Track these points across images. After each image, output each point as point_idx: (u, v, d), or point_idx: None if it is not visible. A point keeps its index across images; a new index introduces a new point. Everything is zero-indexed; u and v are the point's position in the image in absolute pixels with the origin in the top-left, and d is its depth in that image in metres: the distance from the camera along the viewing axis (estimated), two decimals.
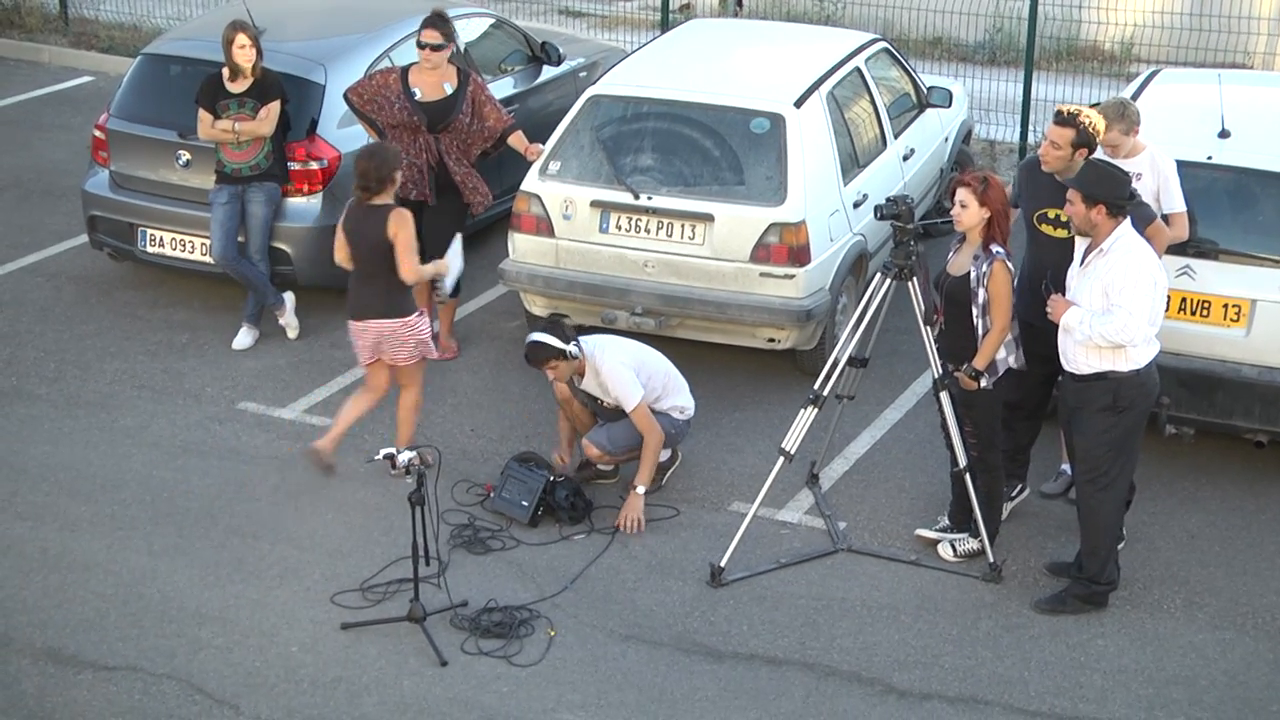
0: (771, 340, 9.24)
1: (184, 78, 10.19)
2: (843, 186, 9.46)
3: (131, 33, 15.82)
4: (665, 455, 8.48)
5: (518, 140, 9.59)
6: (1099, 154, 7.64)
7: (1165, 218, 7.90)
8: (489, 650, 7.22)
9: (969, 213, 7.39)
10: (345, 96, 9.65)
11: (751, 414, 9.21)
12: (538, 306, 9.61)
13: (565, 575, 7.77)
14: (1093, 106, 7.92)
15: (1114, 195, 7.04)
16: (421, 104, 9.42)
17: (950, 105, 11.00)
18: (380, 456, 7.55)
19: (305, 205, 9.98)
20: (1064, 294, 7.31)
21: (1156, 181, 7.94)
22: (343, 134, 10.03)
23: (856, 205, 9.53)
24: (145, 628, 7.37)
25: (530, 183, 9.42)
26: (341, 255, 8.33)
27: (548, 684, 7.04)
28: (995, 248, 7.39)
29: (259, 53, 9.65)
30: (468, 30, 10.94)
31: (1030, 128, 12.79)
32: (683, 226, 9.12)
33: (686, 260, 9.12)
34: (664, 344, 8.81)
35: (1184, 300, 8.24)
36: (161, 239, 10.21)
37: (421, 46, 9.46)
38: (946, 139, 11.17)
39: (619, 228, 9.24)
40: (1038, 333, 7.53)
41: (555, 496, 8.14)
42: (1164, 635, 7.40)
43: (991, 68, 14.22)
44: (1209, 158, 8.35)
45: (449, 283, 8.70)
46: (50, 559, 7.86)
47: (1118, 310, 7.02)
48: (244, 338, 9.98)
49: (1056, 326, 7.28)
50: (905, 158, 10.32)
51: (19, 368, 9.71)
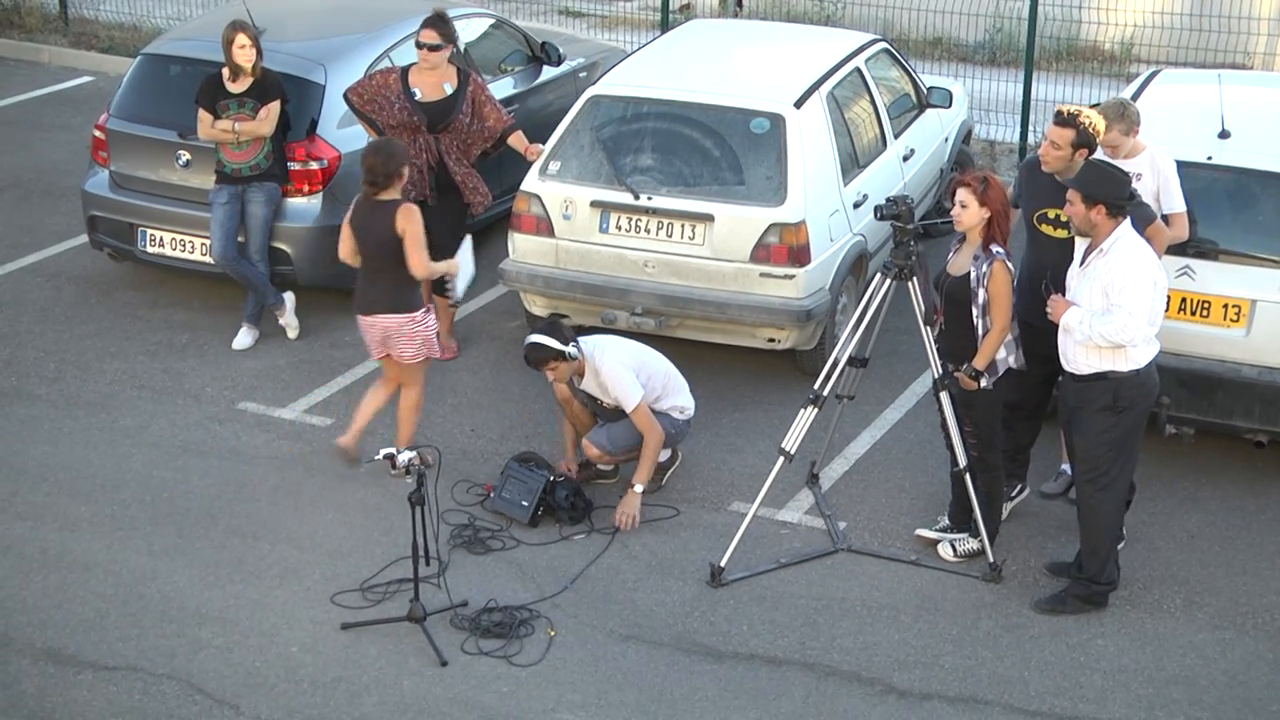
0: (771, 340, 9.24)
1: (184, 78, 10.19)
2: (843, 187, 9.46)
3: (131, 33, 15.81)
4: (665, 455, 8.48)
5: (518, 140, 9.59)
6: (1099, 154, 7.64)
7: (1165, 218, 7.90)
8: (489, 650, 7.22)
9: (969, 213, 7.39)
10: (345, 96, 9.65)
11: (751, 414, 9.21)
12: (538, 306, 9.61)
13: (565, 575, 7.77)
14: (1093, 107, 7.92)
15: (1114, 195, 7.04)
16: (421, 104, 9.42)
17: (950, 105, 10.99)
18: (380, 456, 7.56)
19: (305, 205, 9.98)
20: (1064, 294, 7.32)
21: (1156, 182, 7.94)
22: (343, 134, 10.03)
23: (856, 205, 9.52)
24: (145, 628, 7.37)
25: (530, 183, 9.42)
26: (346, 251, 8.34)
27: (548, 684, 7.04)
28: (995, 248, 7.39)
29: (259, 53, 9.66)
30: (468, 30, 10.94)
31: (1030, 128, 12.79)
32: (683, 227, 9.12)
33: (686, 260, 9.12)
34: (664, 344, 8.81)
35: (1184, 300, 8.24)
36: (161, 239, 10.21)
37: (420, 46, 9.47)
38: (946, 139, 11.17)
39: (619, 228, 9.24)
40: (1038, 333, 7.52)
41: (555, 496, 8.14)
42: (1164, 635, 7.40)
43: (991, 68, 14.21)
44: (1209, 158, 8.35)
45: (460, 285, 8.64)
46: (50, 559, 7.86)
47: (1117, 310, 7.02)
48: (244, 338, 9.98)
49: (1056, 326, 7.28)
50: (905, 158, 10.32)
51: (19, 368, 9.70)
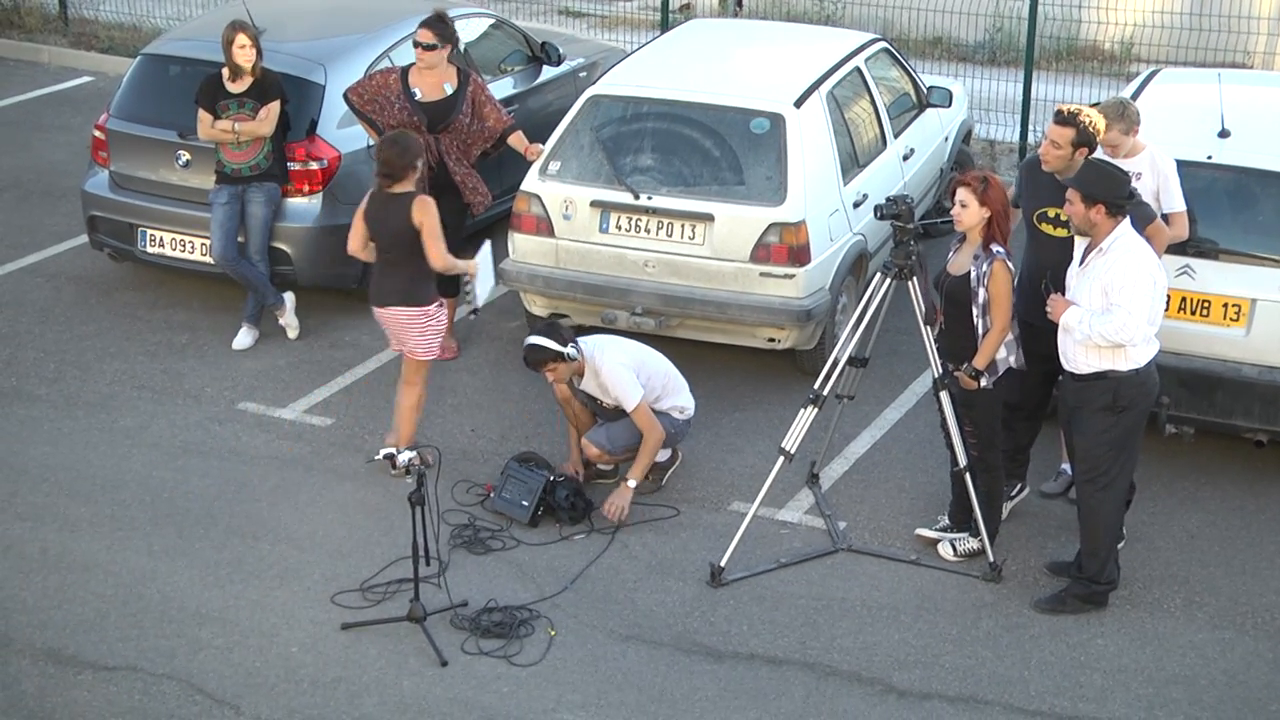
0: (771, 340, 9.24)
1: (184, 78, 10.19)
2: (843, 186, 9.46)
3: (131, 33, 15.81)
4: (665, 455, 8.48)
5: (518, 140, 9.59)
6: (1099, 154, 7.64)
7: (1165, 217, 7.90)
8: (489, 650, 7.22)
9: (969, 212, 7.39)
10: (345, 96, 9.64)
11: (751, 414, 9.21)
12: (538, 306, 9.61)
13: (565, 575, 7.76)
14: (1093, 106, 7.92)
15: (1113, 195, 7.04)
16: (421, 104, 9.42)
17: (950, 105, 10.99)
18: (380, 456, 7.57)
19: (305, 205, 9.98)
20: (1063, 293, 7.32)
21: (1156, 181, 7.93)
22: (342, 134, 10.03)
23: (856, 205, 9.52)
24: (145, 628, 7.36)
25: (530, 183, 9.42)
26: (355, 244, 8.37)
27: (548, 684, 7.04)
28: (995, 247, 7.39)
29: (259, 53, 9.66)
30: (468, 30, 10.93)
31: (1030, 127, 12.78)
32: (683, 226, 9.12)
33: (686, 260, 9.11)
34: (664, 344, 8.81)
35: (1184, 300, 8.24)
36: (161, 239, 10.21)
37: (416, 46, 9.47)
38: (946, 139, 11.17)
39: (619, 228, 9.24)
40: (1038, 332, 7.52)
41: (555, 496, 8.14)
42: (1164, 635, 7.40)
43: (991, 67, 14.21)
44: (1209, 157, 8.34)
45: (481, 293, 8.54)
46: (50, 559, 7.86)
47: (1117, 310, 7.01)
48: (244, 338, 9.98)
49: (1056, 326, 7.28)
50: (905, 157, 10.32)
51: (19, 368, 9.70)
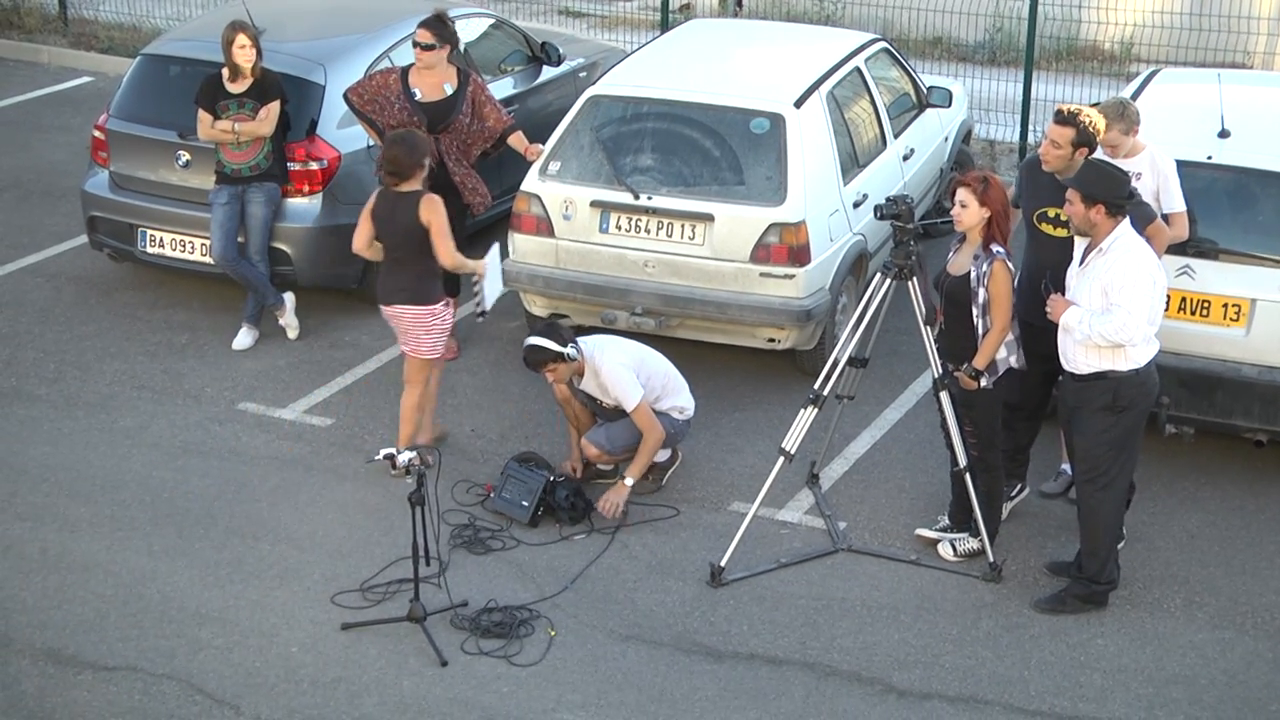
0: (771, 340, 9.23)
1: (183, 78, 10.19)
2: (843, 186, 9.45)
3: (131, 33, 15.81)
4: (665, 455, 8.48)
5: (518, 140, 9.58)
6: (1099, 154, 7.64)
7: (1165, 217, 7.90)
8: (489, 650, 7.22)
9: (969, 212, 7.39)
10: (345, 97, 9.64)
11: (751, 414, 9.21)
12: (538, 307, 9.62)
13: (565, 575, 7.76)
14: (1093, 106, 7.92)
15: (1113, 195, 7.04)
16: (421, 104, 9.41)
17: (950, 105, 10.99)
18: (380, 457, 7.56)
19: (305, 205, 9.98)
20: (1063, 293, 7.32)
21: (1156, 181, 7.93)
22: (342, 134, 10.03)
23: (856, 205, 9.52)
24: (145, 628, 7.36)
25: (530, 183, 9.42)
26: (361, 242, 8.38)
27: (548, 684, 7.04)
28: (995, 247, 7.39)
29: (259, 53, 9.66)
30: (468, 30, 10.92)
31: (1030, 127, 12.78)
32: (683, 226, 9.12)
33: (686, 260, 9.11)
34: (664, 344, 8.81)
35: (1184, 300, 8.24)
36: (161, 239, 10.21)
37: (415, 45, 9.47)
38: (946, 139, 11.17)
39: (619, 228, 9.23)
40: (1038, 332, 7.52)
41: (555, 496, 8.14)
42: (1164, 635, 7.40)
43: (991, 67, 14.21)
44: (1209, 157, 8.34)
45: (489, 297, 8.54)
46: (50, 559, 7.86)
47: (1117, 310, 7.01)
48: (244, 338, 9.98)
49: (1056, 326, 7.28)
50: (905, 157, 10.32)
51: (19, 368, 9.70)
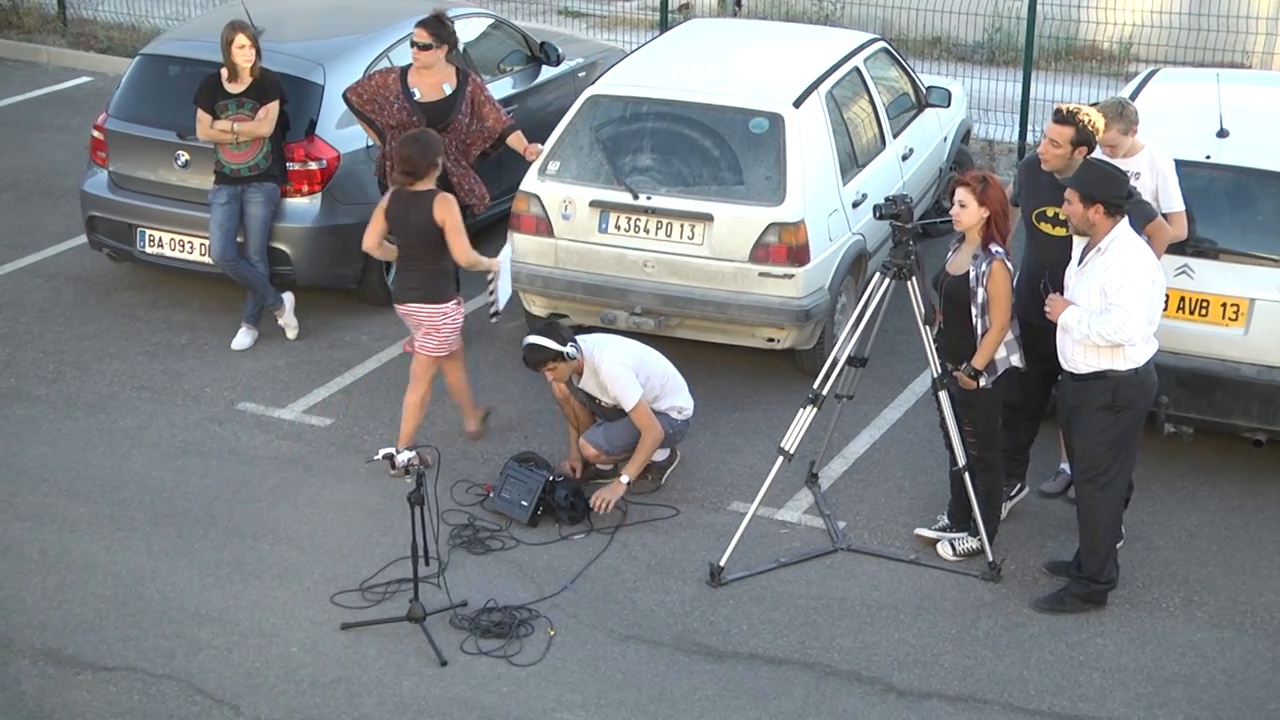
0: (771, 340, 9.24)
1: (183, 78, 10.19)
2: (842, 186, 9.46)
3: (130, 33, 15.81)
4: (664, 455, 8.48)
5: (517, 140, 9.58)
6: (1097, 153, 7.64)
7: (1164, 217, 7.90)
8: (489, 650, 7.22)
9: (968, 212, 7.39)
10: (344, 97, 9.64)
11: (751, 414, 9.21)
12: (537, 306, 9.62)
13: (565, 575, 7.77)
14: (1092, 105, 7.92)
15: (1112, 194, 7.04)
16: (420, 104, 9.42)
17: (949, 105, 11.00)
18: (380, 456, 7.57)
19: (304, 205, 9.98)
20: (1062, 293, 7.32)
21: (1155, 181, 7.93)
22: (341, 134, 10.03)
23: (855, 205, 9.52)
24: (145, 628, 7.37)
25: (529, 183, 9.42)
26: (371, 241, 8.42)
27: (547, 684, 7.04)
28: (994, 247, 7.39)
29: (258, 53, 9.66)
30: (467, 30, 10.93)
31: (1029, 127, 12.78)
32: (682, 226, 9.12)
33: (686, 260, 9.11)
34: (663, 344, 8.81)
35: (1183, 299, 8.24)
36: (160, 239, 10.21)
37: (412, 45, 9.47)
38: (945, 138, 11.17)
39: (618, 228, 9.24)
40: (1037, 332, 7.52)
41: (554, 496, 8.14)
42: (1163, 634, 7.40)
43: (990, 67, 14.21)
44: (1207, 157, 8.35)
45: (502, 295, 8.56)
46: (49, 560, 7.86)
47: (1115, 309, 7.02)
48: (243, 338, 9.98)
49: (1055, 325, 7.28)
50: (904, 157, 10.32)
51: (18, 369, 9.70)
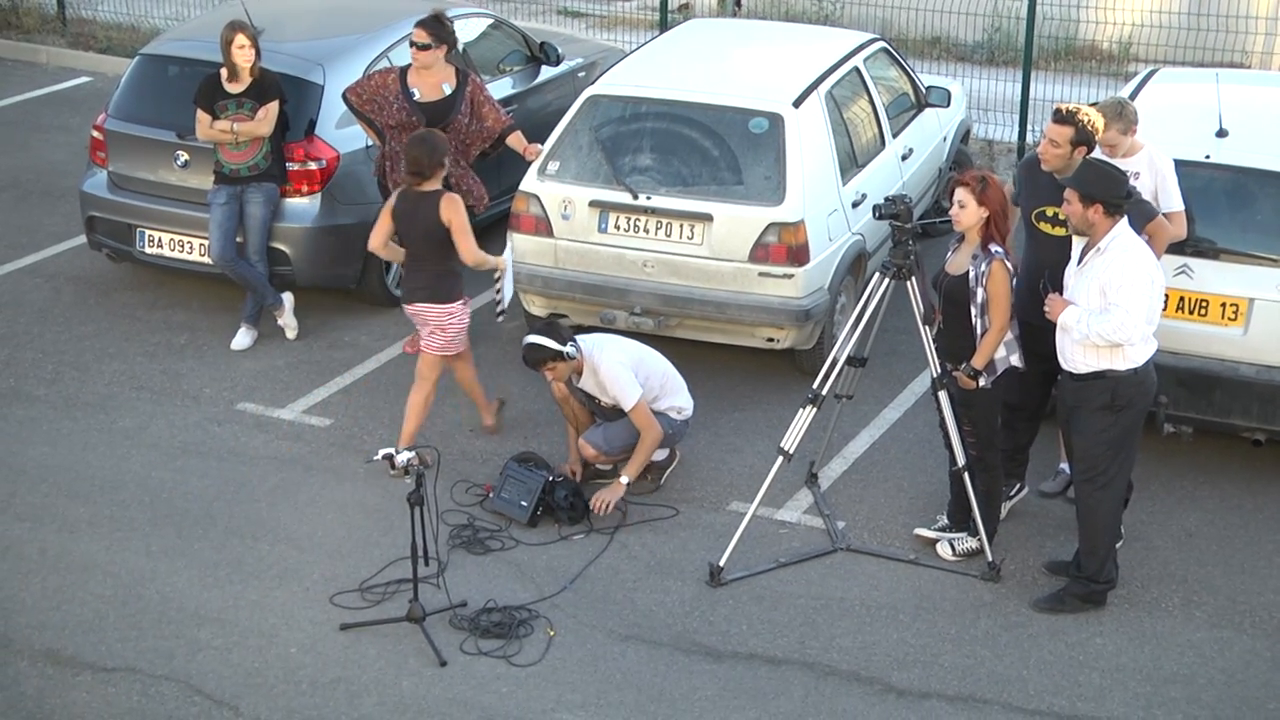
0: (770, 340, 9.24)
1: (182, 78, 10.19)
2: (841, 186, 9.46)
3: (129, 33, 15.81)
4: (663, 455, 8.48)
5: (516, 140, 9.58)
6: (1097, 153, 7.64)
7: (1163, 216, 7.90)
8: (488, 650, 7.22)
9: (967, 212, 7.39)
10: (344, 97, 9.64)
11: (750, 414, 9.21)
12: (537, 307, 9.62)
13: (564, 575, 7.77)
14: (1091, 105, 7.92)
15: (1111, 194, 7.04)
16: (420, 104, 9.42)
17: (949, 105, 11.00)
18: (379, 457, 7.57)
19: (304, 206, 9.98)
20: (1061, 293, 7.32)
21: (1154, 181, 7.93)
22: (341, 134, 10.04)
23: (855, 205, 9.53)
24: (144, 629, 7.36)
25: (529, 183, 9.42)
26: (377, 242, 8.45)
27: (547, 684, 7.04)
28: (994, 247, 7.39)
29: (257, 53, 9.66)
30: (466, 30, 10.93)
31: (1029, 127, 12.79)
32: (681, 226, 9.12)
33: (685, 260, 9.11)
34: (663, 344, 8.81)
35: (1182, 299, 8.24)
36: (160, 240, 10.21)
37: (411, 45, 9.47)
38: (945, 138, 11.17)
39: (618, 228, 9.24)
40: (1037, 332, 7.52)
41: (554, 496, 8.14)
42: (1162, 634, 7.40)
43: (990, 67, 14.22)
44: (1207, 157, 8.35)
45: (507, 294, 8.60)
46: (49, 560, 7.86)
47: (1115, 309, 7.02)
48: (243, 338, 9.98)
49: (1055, 325, 7.28)
50: (904, 157, 10.32)
51: (17, 369, 9.70)
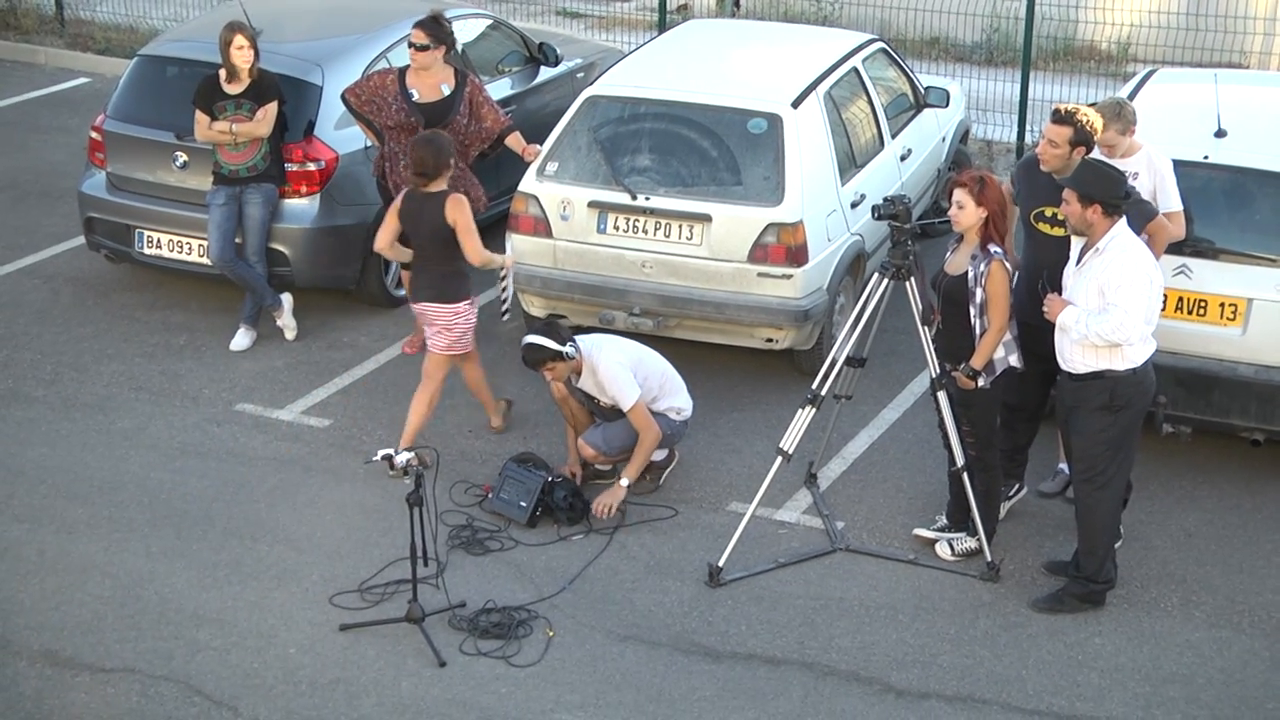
0: (769, 340, 9.24)
1: (181, 79, 10.19)
2: (840, 186, 9.46)
3: (128, 34, 15.81)
4: (662, 455, 8.48)
5: (515, 141, 9.58)
6: (1095, 153, 7.64)
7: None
8: (487, 651, 7.22)
9: (966, 213, 7.40)
10: (342, 97, 9.64)
11: (749, 414, 9.21)
12: (536, 307, 9.62)
13: (563, 576, 7.77)
14: (1090, 105, 7.92)
15: (1109, 194, 7.04)
16: (419, 105, 9.42)
17: (947, 105, 10.99)
18: (379, 457, 7.57)
19: (302, 206, 9.98)
20: (1060, 293, 7.32)
21: (1153, 181, 7.94)
22: (340, 135, 10.04)
23: (854, 205, 9.53)
24: (143, 630, 7.36)
25: (528, 183, 9.42)
26: (383, 242, 8.47)
27: (546, 684, 7.04)
28: (993, 247, 7.39)
29: (256, 54, 9.66)
30: (465, 31, 10.93)
31: (1027, 127, 12.80)
32: (680, 227, 9.12)
33: (684, 260, 9.11)
34: (662, 344, 8.81)
35: (1181, 299, 8.25)
36: (159, 240, 10.21)
37: (410, 46, 9.48)
38: (944, 139, 11.17)
39: (617, 228, 9.24)
40: (1036, 332, 7.52)
41: (553, 497, 8.14)
42: (1161, 634, 7.40)
43: (989, 68, 14.22)
44: (1205, 157, 8.35)
45: (512, 292, 8.65)
46: (48, 561, 7.86)
47: (1113, 309, 7.02)
48: (242, 339, 9.98)
49: (1054, 325, 7.28)
50: (902, 158, 10.32)
51: (16, 370, 9.70)
